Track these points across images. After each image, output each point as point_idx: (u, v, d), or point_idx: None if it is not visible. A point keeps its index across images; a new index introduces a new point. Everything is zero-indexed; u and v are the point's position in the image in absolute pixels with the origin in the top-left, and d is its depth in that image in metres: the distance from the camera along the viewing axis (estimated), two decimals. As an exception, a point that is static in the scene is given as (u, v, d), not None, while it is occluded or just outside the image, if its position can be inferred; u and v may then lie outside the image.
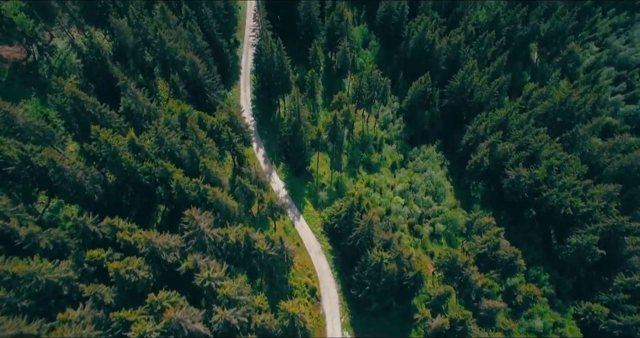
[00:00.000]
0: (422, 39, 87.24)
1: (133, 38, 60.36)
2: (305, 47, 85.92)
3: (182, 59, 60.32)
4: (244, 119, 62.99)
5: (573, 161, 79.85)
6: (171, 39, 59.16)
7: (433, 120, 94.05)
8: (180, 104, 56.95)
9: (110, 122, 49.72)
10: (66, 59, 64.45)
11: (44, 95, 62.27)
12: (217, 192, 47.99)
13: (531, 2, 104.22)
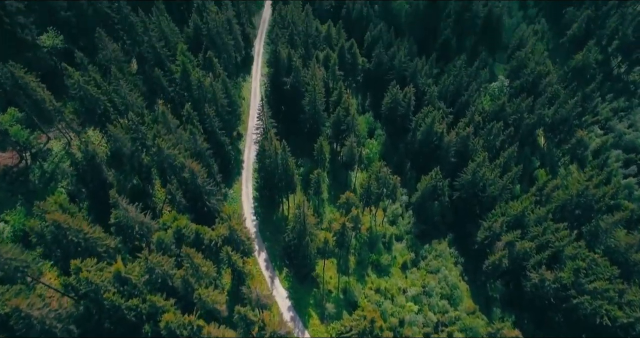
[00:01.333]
0: (430, 131, 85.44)
1: (130, 144, 57.29)
2: (309, 139, 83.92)
3: (180, 165, 56.77)
4: (246, 229, 58.12)
5: (601, 262, 73.78)
6: (170, 146, 56.06)
7: (443, 211, 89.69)
8: (177, 219, 52.29)
9: (96, 247, 44.56)
10: (60, 163, 61.06)
11: (31, 203, 57.98)
12: (213, 331, 41.55)
13: (534, 90, 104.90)
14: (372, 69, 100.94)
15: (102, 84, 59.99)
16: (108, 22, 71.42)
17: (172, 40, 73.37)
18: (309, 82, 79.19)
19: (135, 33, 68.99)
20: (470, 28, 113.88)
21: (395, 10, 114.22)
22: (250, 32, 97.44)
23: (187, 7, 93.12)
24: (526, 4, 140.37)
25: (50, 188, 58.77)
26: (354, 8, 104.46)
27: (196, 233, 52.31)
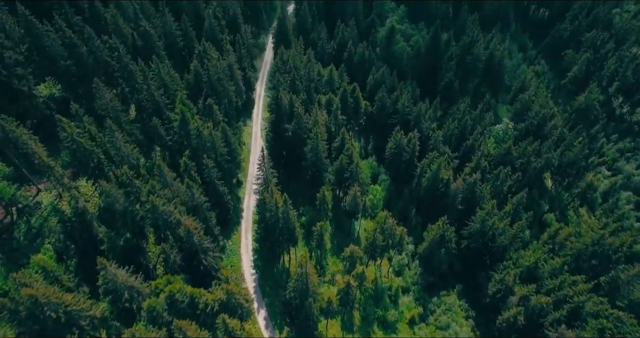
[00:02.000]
0: (435, 178, 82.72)
1: (124, 200, 54.29)
2: (311, 186, 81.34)
3: (176, 222, 53.52)
4: (245, 289, 54.17)
5: (627, 320, 68.97)
6: (165, 202, 53.03)
7: (451, 260, 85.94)
8: (170, 282, 48.51)
9: (78, 319, 40.56)
10: (49, 216, 57.83)
11: (14, 262, 54.40)
12: None
13: (539, 133, 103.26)
14: (374, 112, 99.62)
15: (97, 135, 57.78)
16: (108, 70, 70.33)
17: (172, 88, 72.03)
18: (311, 128, 77.35)
19: (134, 81, 67.66)
20: (472, 71, 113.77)
21: (397, 53, 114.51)
22: (251, 76, 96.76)
23: (188, 52, 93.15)
24: (525, 46, 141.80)
25: (37, 245, 55.29)
26: (356, 51, 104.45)
27: (191, 297, 48.35)
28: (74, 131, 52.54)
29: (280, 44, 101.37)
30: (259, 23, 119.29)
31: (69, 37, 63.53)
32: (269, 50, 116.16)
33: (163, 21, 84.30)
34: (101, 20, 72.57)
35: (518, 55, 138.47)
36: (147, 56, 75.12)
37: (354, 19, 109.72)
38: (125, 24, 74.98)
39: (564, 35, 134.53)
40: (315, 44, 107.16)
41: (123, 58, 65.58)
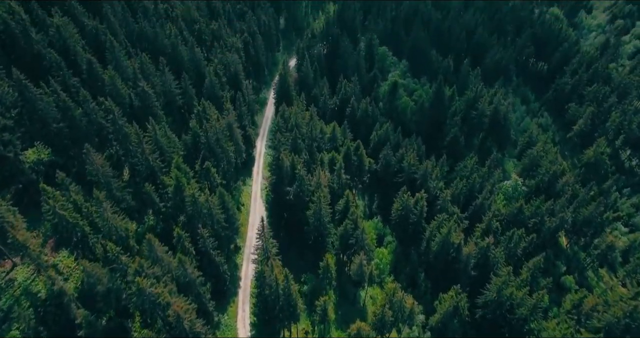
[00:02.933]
0: (446, 243, 77.56)
1: (107, 279, 49.07)
2: (314, 251, 76.24)
3: (165, 304, 47.91)
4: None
5: None
6: (154, 282, 47.76)
7: (465, 330, 78.73)
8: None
9: None
10: (20, 298, 52.13)
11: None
12: None
13: (550, 190, 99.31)
14: (379, 169, 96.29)
15: (84, 204, 53.53)
16: (102, 132, 67.41)
17: (168, 150, 68.84)
18: (313, 190, 73.37)
19: (128, 144, 64.47)
20: (478, 125, 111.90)
21: (400, 108, 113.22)
22: (251, 133, 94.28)
23: (188, 109, 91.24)
24: (528, 98, 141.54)
25: (3, 331, 49.23)
26: (359, 107, 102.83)
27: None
28: (57, 203, 48.31)
29: (282, 100, 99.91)
30: (260, 78, 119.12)
31: (63, 100, 61.05)
32: (270, 105, 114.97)
33: (163, 80, 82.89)
34: (99, 81, 70.59)
35: (521, 108, 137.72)
36: (144, 117, 72.67)
37: (356, 75, 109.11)
38: (123, 84, 73.13)
39: (566, 88, 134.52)
40: (317, 100, 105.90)
41: (118, 121, 62.77)
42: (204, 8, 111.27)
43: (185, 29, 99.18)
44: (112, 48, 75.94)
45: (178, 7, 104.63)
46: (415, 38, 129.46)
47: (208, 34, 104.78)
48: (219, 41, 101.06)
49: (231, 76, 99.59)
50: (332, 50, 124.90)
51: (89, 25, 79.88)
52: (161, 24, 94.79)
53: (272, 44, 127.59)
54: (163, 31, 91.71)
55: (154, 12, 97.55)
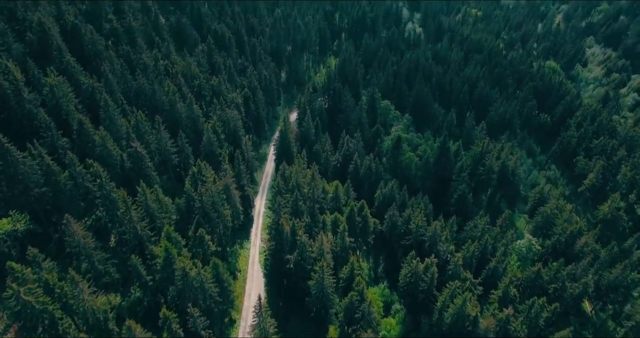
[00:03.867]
0: (460, 314, 70.35)
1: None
2: (316, 323, 69.41)
3: None
4: None
5: None
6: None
7: None
8: None
9: None
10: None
11: None
12: None
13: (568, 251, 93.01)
14: (384, 230, 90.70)
15: (57, 284, 47.58)
16: (88, 197, 62.83)
17: (159, 217, 63.79)
18: (315, 257, 67.55)
19: (116, 210, 59.60)
20: (486, 182, 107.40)
21: (404, 164, 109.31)
22: (250, 193, 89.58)
23: (184, 167, 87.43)
24: (533, 151, 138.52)
25: None
26: (362, 164, 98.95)
27: None
28: (23, 287, 42.46)
29: (282, 157, 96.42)
30: (260, 133, 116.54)
31: (47, 163, 57.02)
32: (270, 160, 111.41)
33: (158, 138, 79.65)
34: (89, 142, 67.03)
35: (528, 161, 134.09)
36: (136, 179, 68.50)
37: (359, 131, 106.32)
38: (114, 145, 69.55)
39: (572, 141, 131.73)
40: (319, 156, 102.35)
41: (105, 186, 58.26)
42: (204, 64, 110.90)
43: (184, 84, 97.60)
44: (106, 106, 73.28)
45: (178, 63, 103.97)
46: (418, 92, 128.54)
47: (208, 89, 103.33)
48: (218, 97, 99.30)
49: (230, 132, 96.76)
50: (334, 104, 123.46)
51: (85, 84, 77.93)
52: (160, 81, 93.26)
53: (273, 98, 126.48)
54: (161, 88, 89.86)
55: (153, 69, 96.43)
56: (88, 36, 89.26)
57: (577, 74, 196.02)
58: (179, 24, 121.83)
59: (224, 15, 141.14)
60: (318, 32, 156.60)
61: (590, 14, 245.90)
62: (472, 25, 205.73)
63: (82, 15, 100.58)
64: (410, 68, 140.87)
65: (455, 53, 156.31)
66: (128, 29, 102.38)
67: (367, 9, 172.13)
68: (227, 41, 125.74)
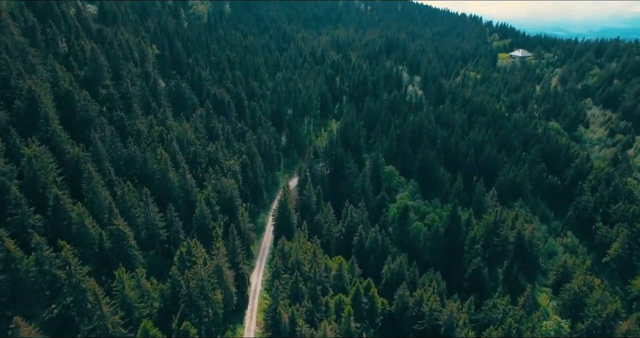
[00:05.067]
0: None
1: None
2: None
3: None
4: None
5: None
6: None
7: None
8: None
9: None
10: None
11: None
12: None
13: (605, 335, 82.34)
14: (394, 312, 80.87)
15: None
16: (54, 285, 54.55)
17: (138, 307, 55.07)
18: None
19: (85, 301, 51.15)
20: (502, 253, 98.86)
21: (412, 234, 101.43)
22: (245, 269, 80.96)
23: (173, 241, 79.68)
24: (547, 217, 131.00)
25: None
26: (367, 236, 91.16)
27: None
28: None
29: (282, 230, 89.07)
30: (258, 201, 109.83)
31: (7, 248, 49.55)
32: (268, 231, 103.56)
33: (145, 212, 72.80)
34: (65, 219, 60.10)
35: (542, 228, 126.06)
36: (115, 261, 60.66)
37: (363, 200, 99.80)
38: (94, 222, 62.55)
39: (588, 206, 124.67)
40: (321, 227, 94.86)
41: (74, 274, 50.33)
42: (202, 129, 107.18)
43: (179, 152, 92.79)
44: (89, 178, 67.29)
45: (174, 129, 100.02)
46: (423, 156, 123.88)
47: (204, 156, 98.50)
48: (214, 165, 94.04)
49: (226, 202, 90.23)
50: (336, 170, 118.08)
51: (70, 153, 72.62)
52: (153, 148, 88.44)
53: (272, 163, 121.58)
54: (154, 156, 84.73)
55: (147, 136, 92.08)
56: (81, 103, 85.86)
57: (581, 135, 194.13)
58: (178, 88, 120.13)
59: (225, 79, 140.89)
60: (319, 96, 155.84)
61: (584, 77, 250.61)
62: (473, 87, 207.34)
63: (80, 81, 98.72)
64: (414, 131, 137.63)
65: (458, 115, 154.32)
66: (124, 94, 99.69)
67: (368, 73, 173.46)
68: (226, 105, 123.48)
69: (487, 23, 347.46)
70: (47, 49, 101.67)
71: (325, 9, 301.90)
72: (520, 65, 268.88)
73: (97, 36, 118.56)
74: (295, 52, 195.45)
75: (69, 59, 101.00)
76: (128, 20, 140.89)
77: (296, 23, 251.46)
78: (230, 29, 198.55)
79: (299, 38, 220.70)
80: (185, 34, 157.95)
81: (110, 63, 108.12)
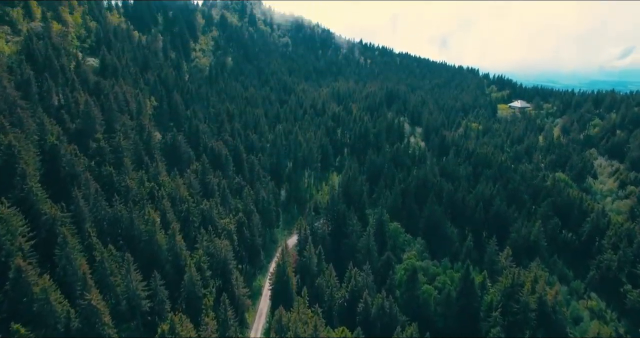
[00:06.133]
0: None
1: None
2: None
3: None
4: None
5: None
6: None
7: None
8: None
9: None
10: None
11: None
12: None
13: None
14: (408, 397, 70.27)
15: None
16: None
17: None
18: None
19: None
20: (523, 322, 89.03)
21: (421, 299, 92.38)
22: (237, 345, 71.43)
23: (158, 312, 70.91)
24: (566, 276, 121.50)
25: None
26: (373, 303, 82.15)
27: None
28: None
29: (279, 297, 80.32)
30: (255, 262, 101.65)
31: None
32: (265, 295, 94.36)
33: (127, 280, 64.93)
34: (26, 295, 52.20)
35: (563, 289, 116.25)
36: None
37: (368, 262, 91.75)
38: (61, 297, 54.62)
39: (612, 266, 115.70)
40: (323, 292, 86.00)
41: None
42: (196, 185, 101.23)
43: (169, 210, 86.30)
44: (63, 244, 60.20)
45: (167, 185, 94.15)
46: (430, 212, 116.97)
47: (197, 214, 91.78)
48: (207, 225, 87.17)
49: (219, 265, 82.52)
50: (338, 228, 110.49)
51: (45, 214, 66.03)
52: (142, 206, 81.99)
53: (270, 220, 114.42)
54: (141, 215, 78.09)
55: (136, 193, 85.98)
56: (67, 157, 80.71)
57: (590, 186, 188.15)
58: (174, 141, 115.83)
59: (224, 131, 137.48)
60: (320, 148, 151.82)
61: (586, 127, 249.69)
62: (476, 139, 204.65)
63: (71, 134, 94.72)
64: (419, 185, 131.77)
65: (463, 168, 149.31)
66: (116, 148, 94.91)
67: (369, 125, 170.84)
68: (223, 159, 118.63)
69: (485, 75, 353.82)
70: (40, 101, 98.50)
71: (326, 61, 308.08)
72: (521, 115, 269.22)
73: (95, 89, 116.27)
74: (295, 103, 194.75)
75: (61, 111, 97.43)
76: (128, 73, 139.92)
77: (297, 75, 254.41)
78: (231, 81, 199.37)
79: (300, 90, 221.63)
80: (185, 86, 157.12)
81: (104, 116, 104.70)
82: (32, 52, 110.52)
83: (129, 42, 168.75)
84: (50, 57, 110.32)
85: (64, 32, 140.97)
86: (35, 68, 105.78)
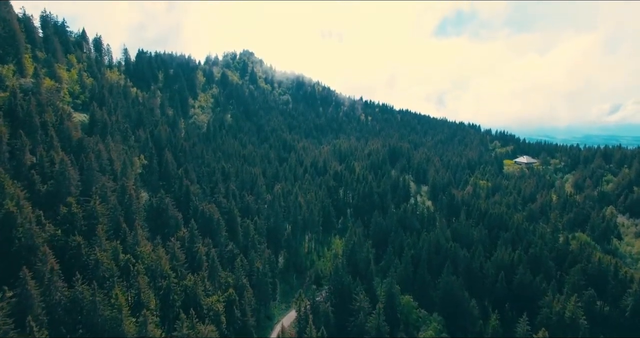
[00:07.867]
0: None
1: None
2: None
3: None
4: None
5: None
6: None
7: None
8: None
9: None
10: None
11: None
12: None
13: None
14: None
15: None
16: None
17: None
18: None
19: None
20: None
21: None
22: None
23: None
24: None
25: None
26: None
27: None
28: None
29: None
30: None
31: None
32: None
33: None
34: None
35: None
36: None
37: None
38: None
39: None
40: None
41: None
42: (180, 256, 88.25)
43: (146, 288, 73.14)
44: (-6, 346, 46.87)
45: (145, 256, 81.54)
46: (446, 284, 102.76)
47: (179, 292, 78.31)
48: (190, 306, 73.38)
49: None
50: (342, 303, 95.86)
51: (-17, 303, 53.37)
52: (111, 285, 68.97)
53: (266, 294, 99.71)
54: (106, 299, 64.86)
55: (107, 268, 73.19)
56: (26, 226, 69.17)
57: (616, 248, 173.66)
58: (160, 204, 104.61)
59: (217, 193, 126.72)
60: (321, 210, 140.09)
61: (600, 183, 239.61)
62: (485, 197, 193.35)
63: (41, 198, 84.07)
64: (431, 251, 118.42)
65: (477, 231, 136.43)
66: (90, 213, 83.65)
67: (373, 184, 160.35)
68: (215, 224, 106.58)
69: (486, 131, 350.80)
70: (10, 160, 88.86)
71: (327, 118, 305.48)
72: (529, 171, 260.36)
73: (77, 146, 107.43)
74: (295, 161, 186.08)
75: (31, 171, 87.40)
76: (118, 130, 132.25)
77: (297, 132, 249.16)
78: (229, 138, 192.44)
79: (300, 147, 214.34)
80: (178, 143, 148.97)
81: (83, 176, 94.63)
82: (13, 108, 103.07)
83: (124, 98, 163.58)
84: (30, 113, 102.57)
85: (56, 88, 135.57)
86: (13, 124, 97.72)
